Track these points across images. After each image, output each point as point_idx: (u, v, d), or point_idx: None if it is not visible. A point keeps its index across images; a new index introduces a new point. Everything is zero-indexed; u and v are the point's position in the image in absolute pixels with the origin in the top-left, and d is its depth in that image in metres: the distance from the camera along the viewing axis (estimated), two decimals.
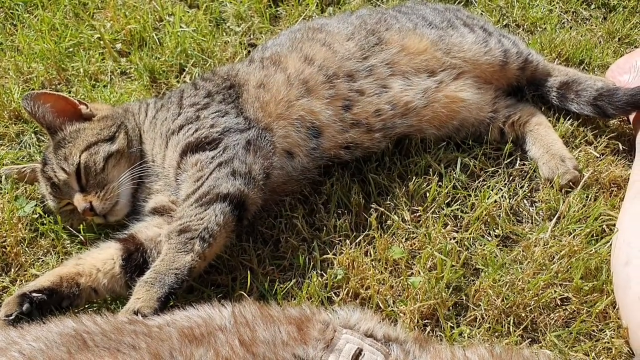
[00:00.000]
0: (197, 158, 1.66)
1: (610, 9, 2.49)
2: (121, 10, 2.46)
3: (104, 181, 1.68)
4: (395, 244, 1.67)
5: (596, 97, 1.89)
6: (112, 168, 1.70)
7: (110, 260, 1.58)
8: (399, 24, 1.95)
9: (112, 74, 2.24)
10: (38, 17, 2.46)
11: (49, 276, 1.53)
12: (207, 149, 1.68)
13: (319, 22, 2.02)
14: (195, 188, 1.60)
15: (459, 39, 1.94)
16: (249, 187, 1.61)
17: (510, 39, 2.07)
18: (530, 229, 1.74)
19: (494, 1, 2.49)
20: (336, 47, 1.86)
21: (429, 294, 1.54)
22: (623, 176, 1.81)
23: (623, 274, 1.49)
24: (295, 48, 1.88)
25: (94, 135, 1.72)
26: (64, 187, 1.69)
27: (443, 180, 1.81)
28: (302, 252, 1.66)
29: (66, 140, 1.71)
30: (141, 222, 1.69)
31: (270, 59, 1.87)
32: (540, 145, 1.88)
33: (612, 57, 2.24)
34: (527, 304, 1.53)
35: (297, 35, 1.94)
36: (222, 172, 1.61)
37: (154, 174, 1.74)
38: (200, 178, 1.62)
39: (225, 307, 1.30)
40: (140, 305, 1.41)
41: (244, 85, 1.82)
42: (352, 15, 2.03)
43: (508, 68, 1.99)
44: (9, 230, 1.72)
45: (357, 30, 1.92)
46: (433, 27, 1.97)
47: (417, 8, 2.10)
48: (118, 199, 1.69)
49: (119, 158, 1.71)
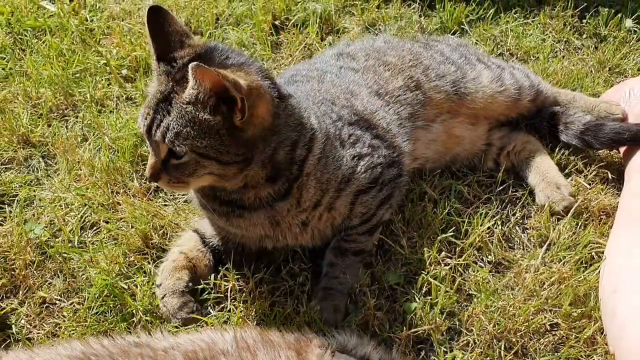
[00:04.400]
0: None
1: (602, 39, 2.57)
2: (127, 37, 2.54)
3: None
4: (392, 270, 1.73)
5: (583, 132, 1.97)
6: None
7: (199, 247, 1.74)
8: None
9: (118, 100, 2.31)
10: (46, 42, 2.53)
11: (182, 274, 1.66)
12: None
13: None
14: (363, 222, 1.71)
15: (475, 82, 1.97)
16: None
17: (521, 70, 2.09)
18: (521, 255, 1.79)
19: (488, 30, 2.57)
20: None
21: (424, 319, 1.60)
22: (612, 204, 1.88)
23: (610, 302, 1.55)
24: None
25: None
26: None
27: (438, 207, 1.87)
28: (302, 278, 1.72)
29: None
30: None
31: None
32: (536, 173, 1.94)
33: (603, 87, 2.32)
34: (517, 329, 1.58)
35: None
36: (384, 208, 1.74)
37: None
38: (366, 214, 1.71)
39: (228, 332, 1.36)
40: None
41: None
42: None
43: (521, 102, 2.03)
44: (17, 253, 1.78)
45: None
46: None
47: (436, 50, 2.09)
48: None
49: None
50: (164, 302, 1.63)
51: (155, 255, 1.79)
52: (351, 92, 1.80)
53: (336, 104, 1.74)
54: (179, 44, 1.48)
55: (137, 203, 1.91)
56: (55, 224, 1.88)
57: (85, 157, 2.05)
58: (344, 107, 1.75)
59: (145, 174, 1.53)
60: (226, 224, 1.65)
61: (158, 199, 1.98)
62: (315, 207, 1.61)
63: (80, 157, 2.06)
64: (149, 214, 1.88)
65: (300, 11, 2.66)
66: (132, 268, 1.76)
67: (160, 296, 1.65)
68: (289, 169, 1.53)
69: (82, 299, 1.70)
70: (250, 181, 1.51)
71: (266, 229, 1.62)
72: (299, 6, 2.69)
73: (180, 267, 1.68)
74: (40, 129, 2.18)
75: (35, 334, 1.64)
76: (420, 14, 2.69)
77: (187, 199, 1.97)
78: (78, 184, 2.00)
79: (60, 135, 2.15)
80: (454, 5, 2.63)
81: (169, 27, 1.48)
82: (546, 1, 2.70)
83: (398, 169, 1.77)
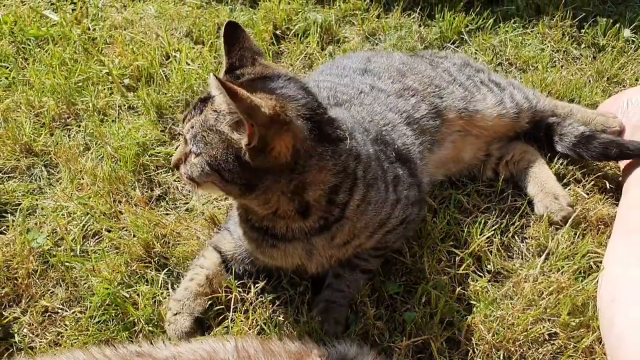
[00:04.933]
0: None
1: (600, 48, 2.59)
2: (129, 47, 2.56)
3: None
4: (392, 280, 1.75)
5: (575, 144, 1.99)
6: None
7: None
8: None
9: (120, 109, 2.32)
10: (49, 52, 2.55)
11: (204, 300, 1.69)
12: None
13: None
14: (378, 248, 1.72)
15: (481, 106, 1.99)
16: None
17: (520, 90, 2.10)
18: (520, 264, 1.81)
19: (487, 40, 2.59)
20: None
21: (424, 329, 1.61)
22: (610, 214, 1.89)
23: (608, 312, 1.56)
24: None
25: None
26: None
27: (437, 217, 1.89)
28: (302, 287, 1.73)
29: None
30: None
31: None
32: (534, 183, 1.96)
33: (601, 96, 2.33)
34: (516, 338, 1.60)
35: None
36: (402, 240, 1.78)
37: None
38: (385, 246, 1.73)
39: (229, 341, 1.37)
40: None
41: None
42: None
43: (519, 123, 2.06)
44: (20, 262, 1.79)
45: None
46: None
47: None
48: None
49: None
50: (175, 319, 1.64)
51: (157, 264, 1.81)
52: (390, 122, 1.80)
53: (379, 139, 1.71)
54: (250, 60, 1.49)
55: (139, 212, 1.93)
56: (57, 233, 1.90)
57: (88, 166, 2.07)
58: (387, 143, 1.73)
59: (171, 159, 1.56)
60: (255, 251, 1.64)
61: (160, 208, 1.99)
62: (345, 244, 1.61)
63: (82, 166, 2.08)
64: (151, 222, 1.89)
65: (301, 21, 2.69)
66: (134, 277, 1.77)
67: (174, 312, 1.65)
68: (328, 209, 1.51)
69: (84, 308, 1.71)
70: (279, 210, 1.49)
71: (303, 259, 1.62)
72: (299, 16, 2.72)
73: (204, 294, 1.69)
74: (43, 138, 2.20)
75: (38, 343, 1.65)
76: (420, 23, 2.71)
77: (189, 208, 1.99)
78: (80, 193, 2.02)
79: (62, 144, 2.17)
80: (453, 15, 2.65)
81: (243, 43, 1.50)
82: (545, 11, 2.73)
83: (421, 205, 1.80)
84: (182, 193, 2.04)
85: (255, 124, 1.29)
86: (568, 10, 2.66)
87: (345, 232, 1.57)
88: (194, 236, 1.87)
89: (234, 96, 1.27)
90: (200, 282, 1.70)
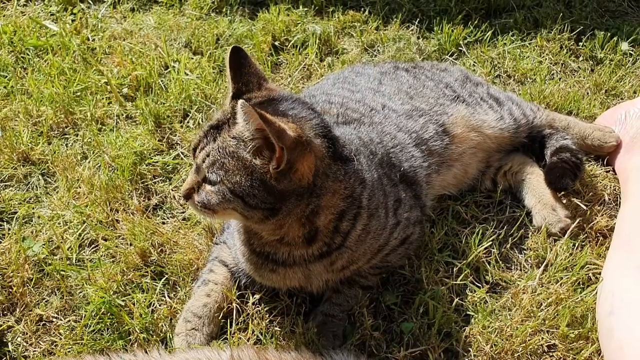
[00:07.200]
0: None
1: (598, 61, 2.59)
2: (128, 57, 2.56)
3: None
4: (390, 290, 1.73)
5: (552, 153, 1.99)
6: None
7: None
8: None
9: (118, 118, 2.32)
10: (48, 61, 2.56)
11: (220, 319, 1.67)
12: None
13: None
14: (379, 267, 1.71)
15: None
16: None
17: (519, 104, 2.10)
18: (519, 276, 1.80)
19: (485, 52, 2.60)
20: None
21: (421, 340, 1.60)
22: (609, 226, 1.88)
23: (607, 323, 1.55)
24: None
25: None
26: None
27: (436, 227, 1.88)
28: (299, 298, 1.72)
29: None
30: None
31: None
32: (532, 195, 1.95)
33: (599, 109, 2.33)
34: (514, 350, 1.58)
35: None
36: (402, 260, 1.77)
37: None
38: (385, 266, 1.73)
39: (225, 351, 1.36)
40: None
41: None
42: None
43: (517, 138, 2.06)
44: (15, 271, 1.78)
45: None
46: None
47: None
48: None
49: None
50: (194, 334, 1.62)
51: (154, 272, 1.79)
52: (400, 143, 1.80)
53: (385, 162, 1.71)
54: (257, 85, 1.50)
55: (136, 220, 1.92)
56: (53, 241, 1.89)
57: (85, 175, 2.06)
58: (393, 166, 1.73)
59: (180, 190, 1.53)
60: (254, 273, 1.64)
61: (157, 217, 1.98)
62: (344, 269, 1.61)
63: (79, 175, 2.07)
64: (148, 231, 1.88)
65: (300, 32, 2.70)
66: (130, 285, 1.76)
67: (193, 327, 1.63)
68: (332, 237, 1.52)
69: (79, 317, 1.70)
70: (287, 237, 1.50)
71: (302, 282, 1.62)
72: (298, 27, 2.73)
73: (220, 309, 1.68)
74: (41, 147, 2.19)
75: (32, 352, 1.63)
76: (418, 35, 2.72)
77: (186, 217, 1.98)
78: (77, 201, 2.01)
79: (60, 153, 2.16)
80: (451, 28, 2.67)
81: (249, 68, 1.51)
82: (543, 24, 2.74)
83: (422, 225, 1.79)
84: (179, 202, 2.03)
85: (285, 147, 1.30)
86: (566, 24, 2.67)
87: (345, 259, 1.58)
88: (190, 245, 1.85)
89: (266, 121, 1.27)
90: (217, 299, 1.69)
